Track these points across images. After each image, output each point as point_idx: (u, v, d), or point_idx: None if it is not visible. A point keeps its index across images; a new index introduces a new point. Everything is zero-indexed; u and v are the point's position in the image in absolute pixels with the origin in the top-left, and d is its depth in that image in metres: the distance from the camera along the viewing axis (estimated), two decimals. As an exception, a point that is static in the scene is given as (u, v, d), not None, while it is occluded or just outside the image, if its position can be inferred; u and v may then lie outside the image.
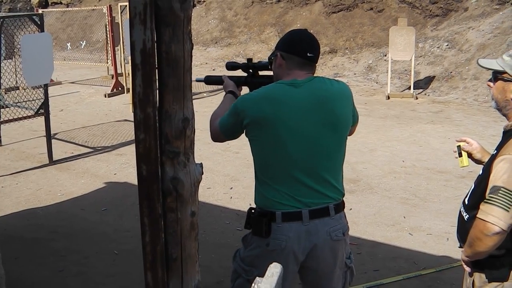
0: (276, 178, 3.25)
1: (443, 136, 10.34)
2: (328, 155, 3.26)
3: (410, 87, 14.05)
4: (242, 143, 8.45)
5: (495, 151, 2.94)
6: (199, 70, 17.11)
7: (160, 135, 2.14)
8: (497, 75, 2.95)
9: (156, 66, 2.12)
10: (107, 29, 15.88)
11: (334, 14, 18.96)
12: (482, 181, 2.91)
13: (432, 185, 7.86)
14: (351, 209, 6.96)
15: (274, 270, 1.57)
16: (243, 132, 3.36)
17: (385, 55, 15.07)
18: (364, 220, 6.70)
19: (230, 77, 3.79)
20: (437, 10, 17.86)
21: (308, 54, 3.25)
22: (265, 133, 3.23)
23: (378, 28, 18.02)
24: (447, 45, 16.19)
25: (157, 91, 2.11)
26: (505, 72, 2.89)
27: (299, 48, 3.26)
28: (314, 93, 3.22)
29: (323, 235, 3.22)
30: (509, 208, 2.69)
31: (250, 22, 20.02)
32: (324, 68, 16.86)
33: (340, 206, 3.38)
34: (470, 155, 3.41)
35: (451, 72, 15.09)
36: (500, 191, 2.73)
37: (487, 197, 2.78)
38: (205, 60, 18.70)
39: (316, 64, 3.38)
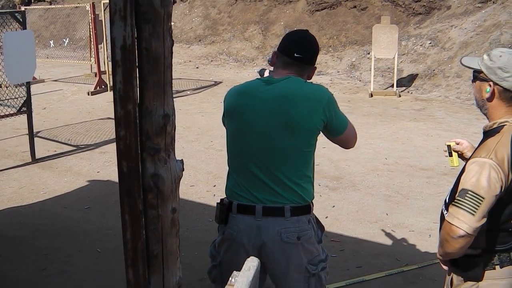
0: (237, 169, 3.34)
1: (426, 134, 10.39)
2: (284, 157, 3.22)
3: (393, 85, 14.13)
4: (225, 141, 8.45)
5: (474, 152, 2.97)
6: (182, 68, 17.10)
7: (141, 132, 2.13)
8: (476, 74, 2.97)
9: (137, 62, 2.11)
10: (90, 27, 15.81)
11: (318, 12, 19.01)
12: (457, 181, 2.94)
13: (415, 182, 7.90)
14: (334, 206, 7.00)
15: (251, 264, 1.56)
16: None
17: (369, 53, 15.12)
18: (347, 217, 6.73)
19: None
20: (420, 8, 17.95)
21: (295, 55, 3.28)
22: (231, 124, 3.36)
23: (361, 26, 18.08)
24: (430, 43, 16.26)
25: (138, 87, 2.10)
26: (482, 72, 2.90)
27: (288, 48, 3.32)
28: (279, 92, 3.21)
29: (272, 234, 3.19)
30: (474, 212, 2.70)
31: (233, 20, 20.02)
32: (308, 66, 16.92)
33: (299, 210, 3.25)
34: (461, 155, 3.39)
35: (434, 70, 15.16)
36: (468, 195, 2.74)
37: (455, 200, 2.79)
38: (189, 58, 18.68)
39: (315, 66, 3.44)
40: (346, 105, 12.58)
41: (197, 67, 17.37)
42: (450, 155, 3.40)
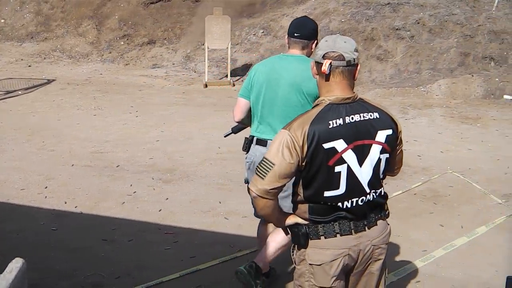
0: (259, 117, 4.56)
1: (258, 121, 10.64)
2: (284, 111, 4.42)
3: (227, 75, 14.31)
4: (57, 141, 8.26)
5: None
6: (14, 67, 16.43)
7: None
8: None
9: None
10: None
11: (153, 4, 18.92)
12: None
13: (247, 169, 8.07)
14: (167, 199, 7.04)
15: (14, 265, 1.55)
16: None
17: (203, 44, 15.21)
18: (180, 209, 6.77)
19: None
20: (254, -2, 18.32)
21: (295, 34, 4.52)
22: (257, 87, 4.58)
23: (196, 17, 18.18)
24: (263, 32, 16.63)
25: None
26: None
27: (290, 30, 4.56)
28: (295, 64, 4.44)
29: None
30: (264, 175, 2.97)
31: (67, 15, 19.47)
32: (143, 59, 16.78)
33: None
34: None
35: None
36: (263, 161, 3.01)
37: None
38: (21, 56, 17.94)
39: (310, 42, 4.54)
40: (180, 96, 12.65)
41: (30, 66, 16.72)
42: None
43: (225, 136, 5.28)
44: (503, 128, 10.62)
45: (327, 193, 3.01)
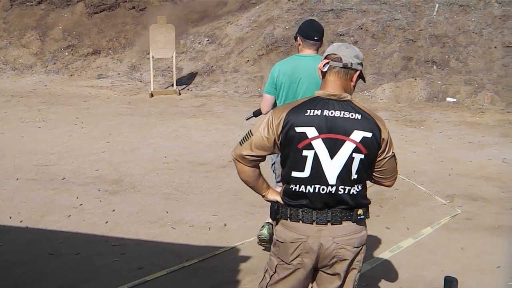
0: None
1: (205, 129, 10.70)
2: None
3: (173, 83, 14.30)
4: (1, 154, 8.13)
5: None
6: (-44, 81, 16.17)
7: None
8: None
9: None
10: None
11: (97, 14, 18.81)
12: None
13: (194, 178, 8.12)
14: (114, 210, 7.01)
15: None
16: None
17: (148, 54, 15.18)
18: (127, 220, 6.75)
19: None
20: (198, 6, 18.32)
21: (315, 38, 5.35)
22: (286, 81, 5.37)
23: (141, 26, 18.14)
24: (208, 40, 16.69)
25: None
26: None
27: (307, 34, 5.35)
28: (312, 63, 4.98)
29: None
30: (243, 143, 3.43)
31: (9, 26, 19.21)
32: (88, 70, 16.65)
33: None
34: None
35: (212, 67, 15.58)
36: (247, 132, 3.47)
37: None
38: (-37, 70, 17.67)
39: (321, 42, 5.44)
40: (126, 107, 12.61)
41: (-27, 79, 16.49)
42: None
43: (246, 119, 6.09)
44: (446, 130, 10.88)
45: (294, 174, 3.33)
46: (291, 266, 3.42)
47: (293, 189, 3.34)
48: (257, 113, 5.78)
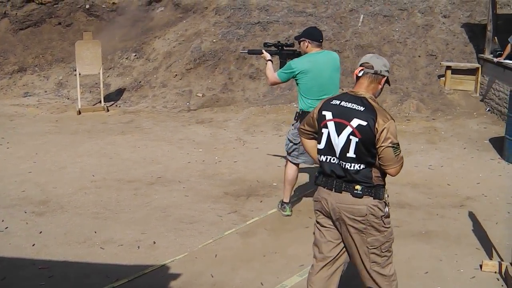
0: (311, 95, 6.83)
1: (133, 146, 10.63)
2: (335, 85, 6.98)
3: (101, 100, 14.13)
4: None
5: None
6: None
7: None
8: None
9: None
10: None
11: (22, 30, 18.44)
12: None
13: (123, 196, 8.06)
14: (41, 232, 6.89)
15: None
16: (294, 77, 6.93)
17: (75, 70, 14.97)
18: (55, 242, 6.63)
19: (266, 50, 7.35)
20: (125, 22, 18.20)
21: (320, 41, 6.97)
22: (308, 75, 6.84)
23: (67, 42, 17.88)
24: (135, 55, 16.58)
25: None
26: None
27: (316, 37, 6.95)
28: (326, 56, 7.01)
29: None
30: (303, 121, 4.73)
31: None
32: (14, 88, 16.22)
33: None
34: None
35: (140, 82, 15.48)
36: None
37: None
38: None
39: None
40: (53, 125, 12.40)
41: None
42: None
43: (241, 52, 8.28)
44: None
45: (318, 146, 4.41)
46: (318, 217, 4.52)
47: (319, 161, 4.38)
48: (251, 53, 7.44)
